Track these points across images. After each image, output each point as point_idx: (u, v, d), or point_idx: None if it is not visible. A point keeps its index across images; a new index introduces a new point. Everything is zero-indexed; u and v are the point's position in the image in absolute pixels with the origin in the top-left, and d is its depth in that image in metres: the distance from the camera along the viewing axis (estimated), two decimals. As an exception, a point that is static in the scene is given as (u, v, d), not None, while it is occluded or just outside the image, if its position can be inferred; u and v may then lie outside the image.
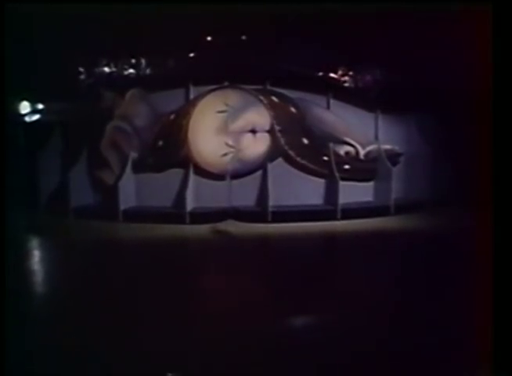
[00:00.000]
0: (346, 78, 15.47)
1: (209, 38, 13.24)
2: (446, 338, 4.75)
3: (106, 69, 14.55)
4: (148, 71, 14.61)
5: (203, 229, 12.28)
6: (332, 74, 15.32)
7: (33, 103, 14.99)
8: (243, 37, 13.28)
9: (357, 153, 14.59)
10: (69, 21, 12.49)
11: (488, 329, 3.63)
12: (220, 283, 8.24)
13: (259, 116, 13.92)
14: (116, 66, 14.59)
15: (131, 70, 14.63)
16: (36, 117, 15.09)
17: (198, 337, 5.67)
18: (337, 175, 13.72)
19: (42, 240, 12.06)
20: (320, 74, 15.22)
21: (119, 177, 13.91)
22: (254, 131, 13.89)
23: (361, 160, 14.57)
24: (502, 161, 4.54)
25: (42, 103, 14.75)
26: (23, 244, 11.52)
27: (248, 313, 6.40)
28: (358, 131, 14.81)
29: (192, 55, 13.62)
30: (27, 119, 15.12)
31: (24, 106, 15.27)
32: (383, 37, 13.93)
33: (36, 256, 10.52)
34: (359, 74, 15.32)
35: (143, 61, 14.33)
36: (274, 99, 14.33)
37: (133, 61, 14.26)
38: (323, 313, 6.39)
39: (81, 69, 14.23)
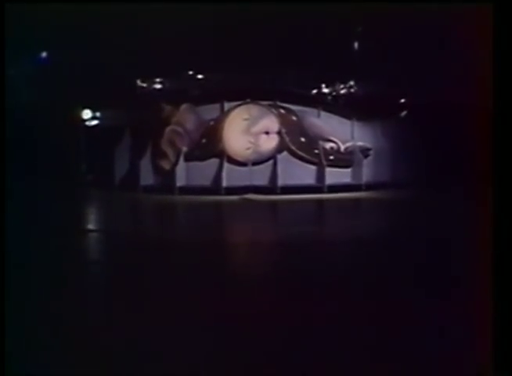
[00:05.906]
0: (332, 96, 17.81)
1: (238, 70, 15.31)
2: (446, 338, 4.18)
3: (167, 88, 17.33)
4: (195, 91, 17.29)
5: (233, 199, 14.75)
6: (322, 93, 17.77)
7: (111, 112, 17.59)
8: (260, 69, 15.25)
9: (339, 148, 16.78)
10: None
11: (489, 328, 3.20)
12: (245, 232, 10.30)
13: (271, 122, 16.47)
14: (174, 87, 17.31)
15: (184, 90, 17.29)
16: (115, 122, 17.39)
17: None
18: (324, 163, 16.13)
19: (121, 209, 14.15)
20: (313, 93, 17.77)
21: (174, 164, 16.38)
22: (267, 133, 16.41)
23: (341, 153, 16.76)
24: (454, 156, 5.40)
25: (120, 112, 17.23)
26: (105, 212, 13.85)
27: (262, 250, 8.15)
28: (340, 132, 17.13)
29: (226, 81, 16.14)
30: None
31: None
32: (370, 52, 13.91)
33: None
34: (342, 93, 17.60)
35: (192, 84, 16.97)
36: (281, 111, 16.93)
37: (185, 85, 17.03)
38: (316, 251, 7.83)
39: (148, 86, 17.01)
